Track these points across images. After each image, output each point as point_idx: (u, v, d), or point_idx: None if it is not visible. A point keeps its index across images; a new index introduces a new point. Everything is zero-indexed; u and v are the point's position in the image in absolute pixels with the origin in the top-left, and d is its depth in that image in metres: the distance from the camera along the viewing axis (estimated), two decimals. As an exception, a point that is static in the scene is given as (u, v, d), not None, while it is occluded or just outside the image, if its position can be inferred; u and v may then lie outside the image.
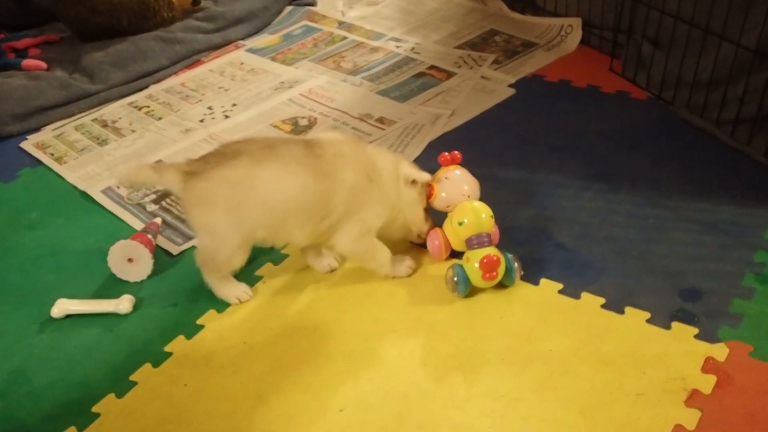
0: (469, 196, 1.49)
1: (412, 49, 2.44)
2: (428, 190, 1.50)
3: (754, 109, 1.75)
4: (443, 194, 1.49)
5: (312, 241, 1.49)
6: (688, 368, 1.26)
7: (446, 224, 1.51)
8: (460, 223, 1.44)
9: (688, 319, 1.36)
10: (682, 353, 1.29)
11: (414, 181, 1.47)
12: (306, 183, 1.38)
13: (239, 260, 1.45)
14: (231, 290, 1.49)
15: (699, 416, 1.18)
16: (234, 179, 1.38)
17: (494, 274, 1.40)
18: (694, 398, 1.22)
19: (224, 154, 1.40)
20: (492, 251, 1.40)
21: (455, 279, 1.42)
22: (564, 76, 2.20)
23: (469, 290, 1.43)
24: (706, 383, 1.24)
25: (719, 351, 1.29)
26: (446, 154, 1.52)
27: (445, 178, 1.50)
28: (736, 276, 1.45)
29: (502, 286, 1.45)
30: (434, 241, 1.51)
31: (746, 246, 1.52)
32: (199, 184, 1.38)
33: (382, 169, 1.46)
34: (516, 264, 1.43)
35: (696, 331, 1.33)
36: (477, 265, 1.39)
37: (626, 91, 2.10)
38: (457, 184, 1.49)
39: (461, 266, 1.42)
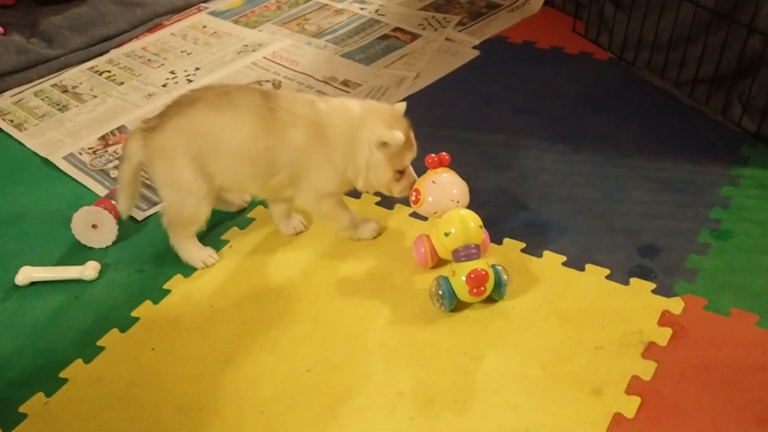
0: (458, 202, 1.38)
1: (377, 11, 2.43)
2: (414, 194, 1.40)
3: (711, 70, 1.78)
4: (430, 199, 1.38)
5: (271, 196, 1.50)
6: (645, 322, 1.30)
7: (433, 232, 1.40)
8: (447, 234, 1.34)
9: (645, 274, 1.40)
10: (639, 308, 1.33)
11: (385, 143, 1.37)
12: (256, 135, 1.38)
13: (205, 212, 1.45)
14: (197, 254, 1.50)
15: (655, 367, 1.23)
16: (191, 127, 1.38)
17: (482, 289, 1.30)
18: (650, 350, 1.26)
19: (181, 104, 1.41)
20: (480, 264, 1.30)
21: (440, 293, 1.32)
22: (528, 38, 2.21)
23: (455, 305, 1.34)
24: (662, 336, 1.28)
25: (675, 305, 1.33)
26: (433, 156, 1.40)
27: (433, 182, 1.39)
28: (693, 233, 1.49)
29: (490, 299, 1.36)
30: (420, 249, 1.42)
31: (702, 203, 1.56)
32: (159, 137, 1.39)
33: (336, 129, 1.39)
34: (506, 276, 1.33)
35: (653, 286, 1.37)
36: (464, 279, 1.29)
37: (589, 52, 2.12)
38: (446, 189, 1.38)
39: (447, 280, 1.32)
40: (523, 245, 1.48)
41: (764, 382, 1.19)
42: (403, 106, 1.45)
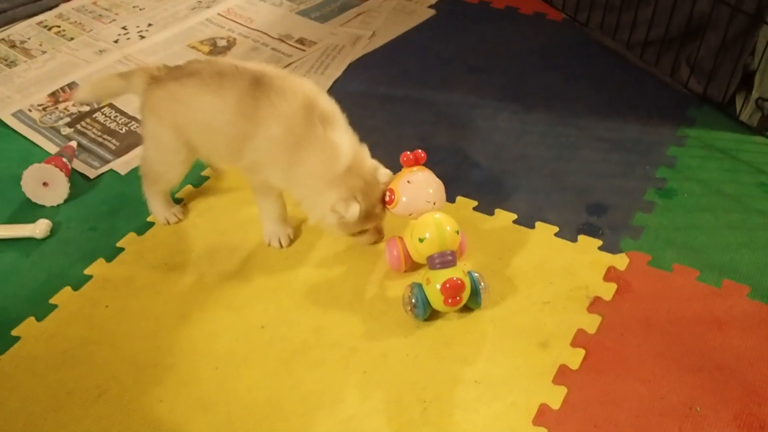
0: (434, 203, 1.31)
1: (333, -32, 2.40)
2: (388, 194, 1.31)
3: (661, 32, 1.81)
4: (404, 199, 1.29)
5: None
6: (592, 277, 1.35)
7: (407, 234, 1.32)
8: (421, 239, 1.27)
9: (593, 232, 1.44)
10: (586, 264, 1.37)
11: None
12: (233, 120, 1.33)
13: (176, 175, 1.46)
14: (163, 210, 1.49)
15: (600, 321, 1.27)
16: (181, 96, 1.37)
17: (458, 299, 1.24)
18: (595, 305, 1.30)
19: (183, 70, 1.39)
20: (456, 273, 1.24)
21: (413, 302, 1.26)
22: (484, -3, 2.21)
23: (429, 314, 1.28)
24: (607, 291, 1.32)
25: (620, 261, 1.38)
26: (409, 153, 1.32)
27: (408, 181, 1.31)
28: (639, 191, 1.53)
29: (467, 308, 1.30)
30: (392, 252, 1.34)
31: (649, 162, 1.60)
32: (156, 92, 1.39)
33: (315, 153, 1.28)
34: (483, 284, 1.27)
35: (600, 243, 1.41)
36: (438, 287, 1.23)
37: (543, 12, 2.13)
38: (421, 189, 1.30)
39: (421, 288, 1.26)
40: (475, 203, 1.51)
41: (702, 333, 1.25)
42: (386, 175, 1.32)
